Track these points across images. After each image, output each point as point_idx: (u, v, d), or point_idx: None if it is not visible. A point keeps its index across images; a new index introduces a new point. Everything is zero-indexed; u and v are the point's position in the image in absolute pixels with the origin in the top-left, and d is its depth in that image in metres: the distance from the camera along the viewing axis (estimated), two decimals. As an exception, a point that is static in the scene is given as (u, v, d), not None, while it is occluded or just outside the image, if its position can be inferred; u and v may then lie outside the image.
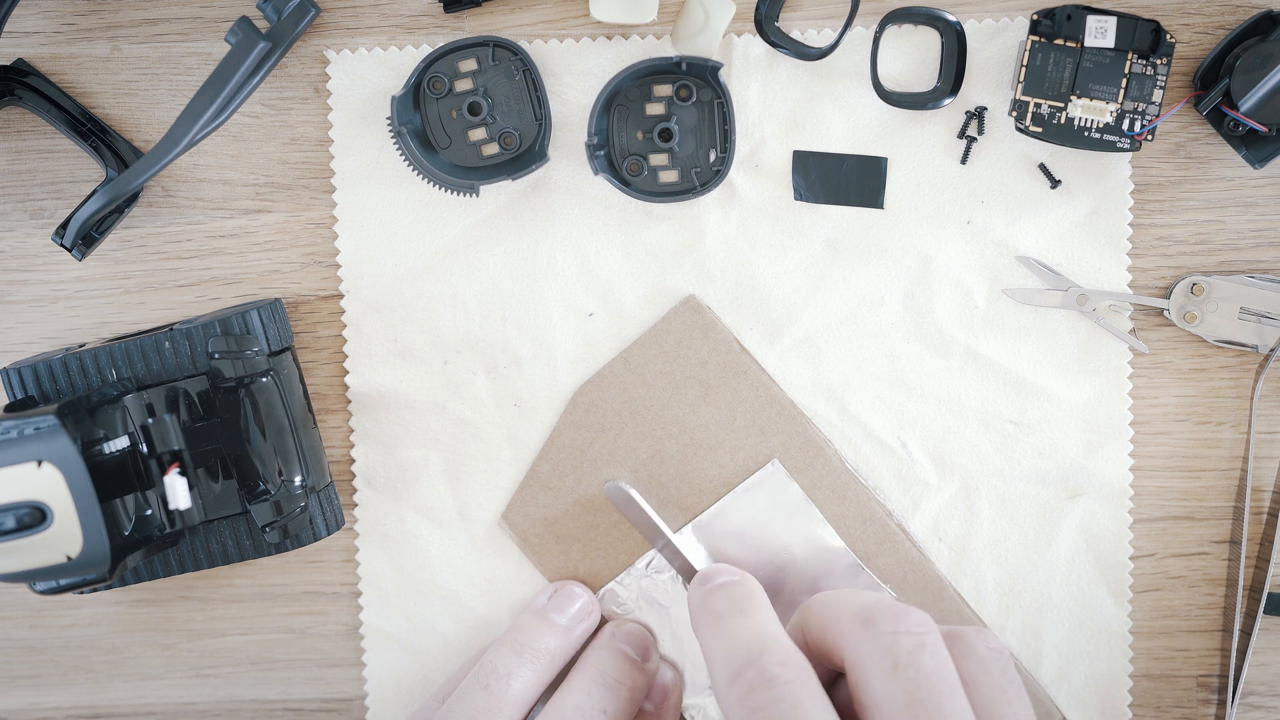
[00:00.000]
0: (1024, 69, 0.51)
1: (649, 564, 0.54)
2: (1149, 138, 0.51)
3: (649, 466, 0.54)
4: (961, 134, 0.53)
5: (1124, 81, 0.51)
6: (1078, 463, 0.54)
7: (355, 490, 0.55)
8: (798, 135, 0.53)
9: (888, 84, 0.53)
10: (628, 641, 0.52)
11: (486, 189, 0.53)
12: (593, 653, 0.52)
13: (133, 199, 0.53)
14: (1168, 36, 0.51)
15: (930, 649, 0.40)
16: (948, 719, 0.38)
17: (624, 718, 0.50)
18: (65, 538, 0.46)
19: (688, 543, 0.53)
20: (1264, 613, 0.54)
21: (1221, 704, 0.55)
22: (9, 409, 0.49)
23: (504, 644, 0.51)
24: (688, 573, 0.52)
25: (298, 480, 0.51)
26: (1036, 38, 0.51)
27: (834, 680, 0.44)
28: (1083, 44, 0.51)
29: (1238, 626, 0.54)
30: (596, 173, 0.52)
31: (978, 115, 0.53)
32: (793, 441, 0.54)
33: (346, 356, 0.55)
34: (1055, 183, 0.53)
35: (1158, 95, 0.51)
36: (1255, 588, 0.54)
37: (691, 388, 0.54)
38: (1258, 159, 0.52)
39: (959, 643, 0.42)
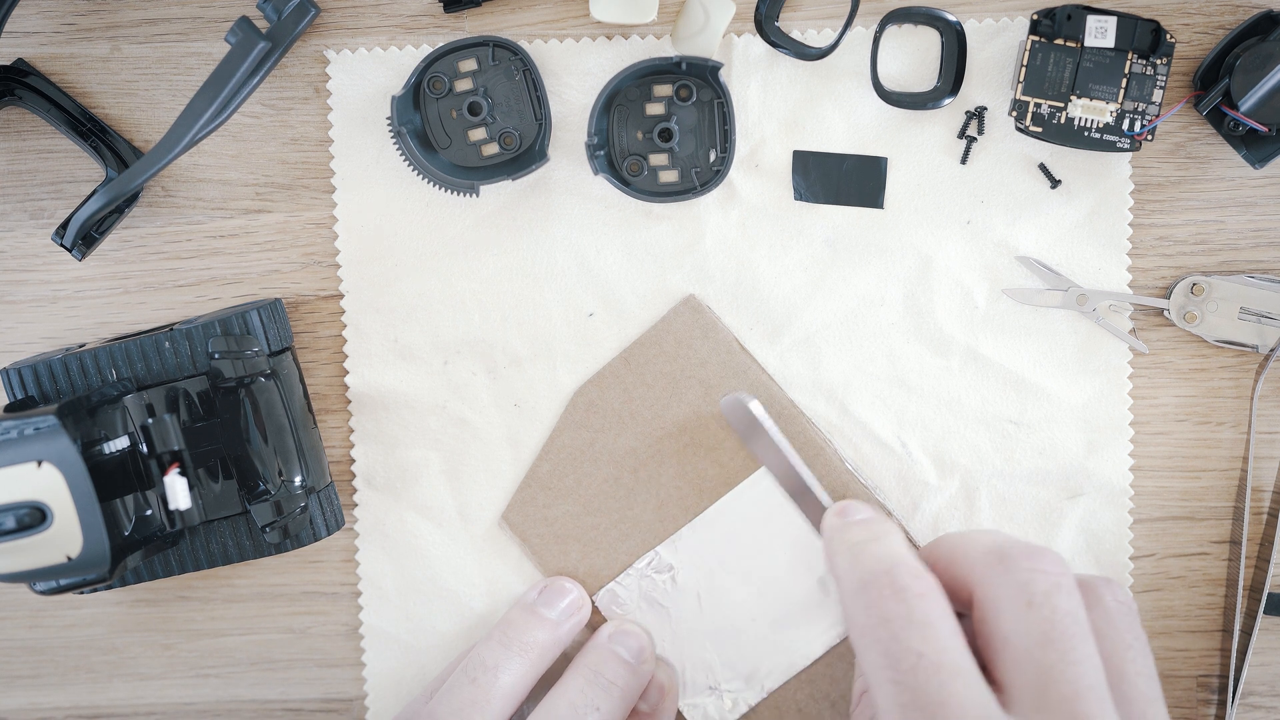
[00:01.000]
0: (1024, 69, 0.51)
1: (649, 564, 0.54)
2: (1149, 138, 0.51)
3: (649, 466, 0.54)
4: (961, 134, 0.53)
5: (1124, 81, 0.51)
6: (1078, 463, 0.54)
7: (355, 490, 0.55)
8: (798, 135, 0.53)
9: (888, 84, 0.53)
10: (623, 644, 0.52)
11: (486, 189, 0.53)
12: (588, 654, 0.52)
13: (133, 199, 0.53)
14: (1168, 36, 0.51)
15: (1066, 590, 0.40)
16: (1080, 663, 0.38)
17: (617, 717, 0.50)
18: (65, 538, 0.46)
19: (811, 477, 0.51)
20: (1264, 613, 0.54)
21: (1221, 704, 0.55)
22: (9, 409, 0.49)
23: (492, 638, 0.51)
24: (808, 501, 0.50)
25: (298, 480, 0.51)
26: (1036, 38, 0.51)
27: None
28: (1083, 44, 0.51)
29: (1238, 626, 0.54)
30: (596, 173, 0.52)
31: (978, 115, 0.53)
32: (793, 441, 0.54)
33: (346, 356, 0.55)
34: (1055, 183, 0.53)
35: (1158, 95, 0.51)
36: (1255, 588, 0.54)
37: (691, 388, 0.54)
38: (1258, 159, 0.52)
39: (1088, 592, 0.41)
